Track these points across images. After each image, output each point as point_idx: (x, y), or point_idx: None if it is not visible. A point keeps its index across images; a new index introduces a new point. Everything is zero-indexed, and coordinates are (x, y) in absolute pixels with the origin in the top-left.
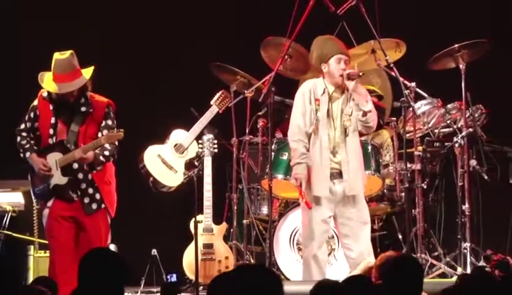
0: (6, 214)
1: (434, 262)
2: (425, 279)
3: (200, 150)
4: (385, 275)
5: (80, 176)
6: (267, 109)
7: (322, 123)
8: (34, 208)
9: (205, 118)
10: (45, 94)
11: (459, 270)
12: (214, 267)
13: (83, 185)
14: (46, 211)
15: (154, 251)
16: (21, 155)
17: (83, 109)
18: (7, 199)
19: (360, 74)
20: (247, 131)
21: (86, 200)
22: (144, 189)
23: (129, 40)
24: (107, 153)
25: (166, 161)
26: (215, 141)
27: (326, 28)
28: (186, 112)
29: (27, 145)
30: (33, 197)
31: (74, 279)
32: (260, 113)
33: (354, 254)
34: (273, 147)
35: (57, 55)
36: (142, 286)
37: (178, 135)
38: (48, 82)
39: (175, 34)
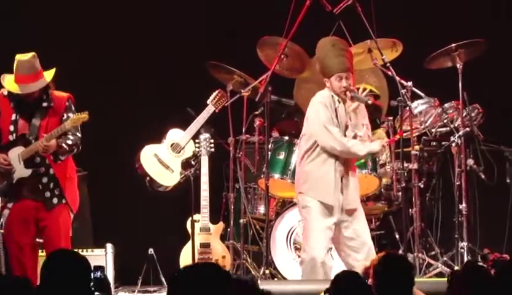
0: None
1: (432, 261)
2: (422, 279)
3: (197, 149)
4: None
5: (42, 170)
6: (264, 108)
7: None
8: None
9: (202, 117)
10: (5, 92)
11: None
12: None
13: (45, 179)
14: (6, 212)
15: (151, 250)
16: None
17: (44, 104)
18: None
19: (369, 101)
20: (243, 130)
21: (47, 194)
22: (141, 189)
23: (125, 39)
24: (69, 142)
25: (163, 160)
26: (212, 140)
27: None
28: (183, 112)
29: None
30: None
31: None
32: (257, 112)
33: (361, 256)
34: (270, 146)
35: (19, 56)
36: (139, 285)
37: (174, 134)
38: (9, 83)
39: (171, 33)
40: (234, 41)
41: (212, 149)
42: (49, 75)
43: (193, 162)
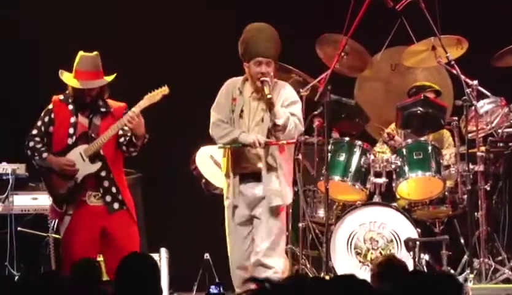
0: None
1: (498, 266)
2: (489, 285)
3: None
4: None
5: (103, 173)
6: (323, 108)
7: (236, 124)
8: None
9: None
10: (61, 97)
11: None
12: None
13: (106, 183)
14: (67, 219)
15: (207, 255)
16: (36, 157)
17: (102, 109)
18: None
19: (269, 96)
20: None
21: (108, 198)
22: (196, 191)
23: (182, 38)
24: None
25: (219, 162)
26: None
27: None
28: None
29: (43, 148)
30: (53, 203)
31: None
32: (316, 112)
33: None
34: (329, 147)
35: (82, 53)
36: (194, 291)
37: None
38: (69, 79)
39: (229, 32)
40: (293, 39)
41: None
42: (109, 78)
43: None
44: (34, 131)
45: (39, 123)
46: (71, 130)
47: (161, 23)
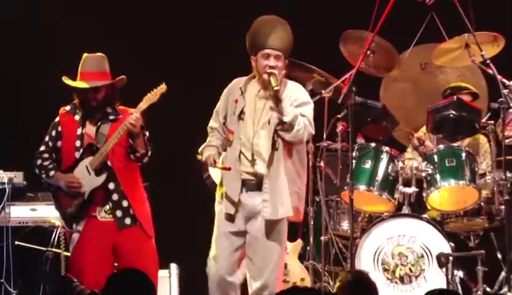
0: (55, 230)
1: None
2: None
3: None
4: None
5: (111, 186)
6: (347, 111)
7: (237, 125)
8: None
9: None
10: (67, 108)
11: None
12: None
13: (115, 197)
14: (75, 236)
15: None
16: (43, 176)
17: (111, 117)
18: (56, 213)
19: (276, 88)
20: (324, 136)
21: (119, 214)
22: (209, 202)
23: (188, 41)
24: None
25: None
26: None
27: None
28: None
29: (51, 166)
30: (63, 222)
31: None
32: (339, 116)
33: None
34: (354, 154)
35: (87, 54)
36: None
37: None
38: (73, 83)
39: (244, 31)
40: (314, 36)
41: None
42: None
43: None
44: (42, 148)
45: (47, 138)
46: (78, 143)
47: (164, 24)
